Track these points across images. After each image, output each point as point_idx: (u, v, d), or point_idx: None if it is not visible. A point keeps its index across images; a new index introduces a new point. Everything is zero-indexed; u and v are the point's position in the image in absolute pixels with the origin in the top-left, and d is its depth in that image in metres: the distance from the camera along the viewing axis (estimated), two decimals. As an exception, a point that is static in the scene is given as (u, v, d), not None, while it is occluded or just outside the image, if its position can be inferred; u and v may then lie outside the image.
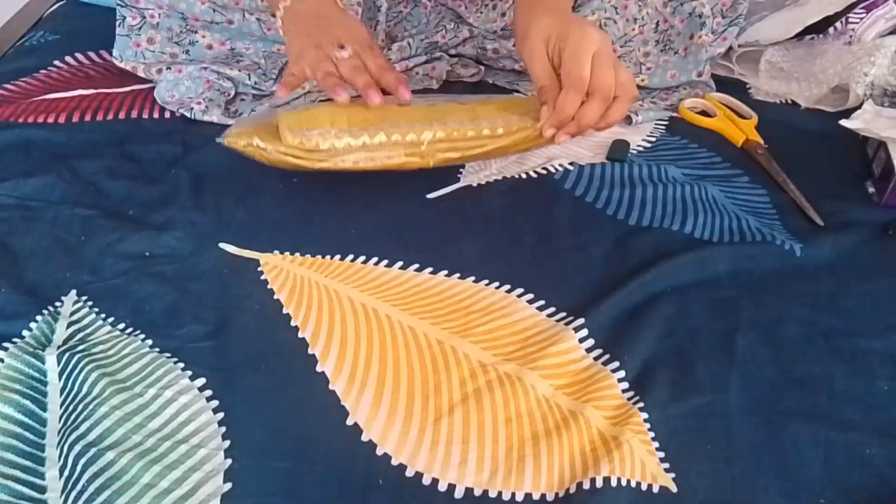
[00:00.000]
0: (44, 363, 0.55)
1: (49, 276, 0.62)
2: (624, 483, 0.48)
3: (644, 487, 0.49)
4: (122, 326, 0.59)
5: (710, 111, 0.85)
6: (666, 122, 0.83)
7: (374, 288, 0.62)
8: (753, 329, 0.59)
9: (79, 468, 0.49)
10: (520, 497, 0.48)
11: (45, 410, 0.53)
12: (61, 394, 0.54)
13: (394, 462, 0.50)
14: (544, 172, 0.74)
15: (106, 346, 0.57)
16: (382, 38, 0.88)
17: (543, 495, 0.48)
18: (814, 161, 0.77)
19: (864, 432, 0.52)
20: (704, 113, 0.85)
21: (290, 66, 0.68)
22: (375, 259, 0.65)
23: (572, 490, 0.48)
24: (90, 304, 0.60)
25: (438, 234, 0.67)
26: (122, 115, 0.80)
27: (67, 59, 0.90)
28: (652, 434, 0.52)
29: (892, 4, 0.86)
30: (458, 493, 0.48)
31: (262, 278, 0.63)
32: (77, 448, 0.50)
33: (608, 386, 0.55)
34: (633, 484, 0.49)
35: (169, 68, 0.81)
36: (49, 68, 0.88)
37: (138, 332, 0.58)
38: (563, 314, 0.60)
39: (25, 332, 0.58)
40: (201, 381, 0.54)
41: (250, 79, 0.81)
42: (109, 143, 0.76)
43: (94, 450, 0.49)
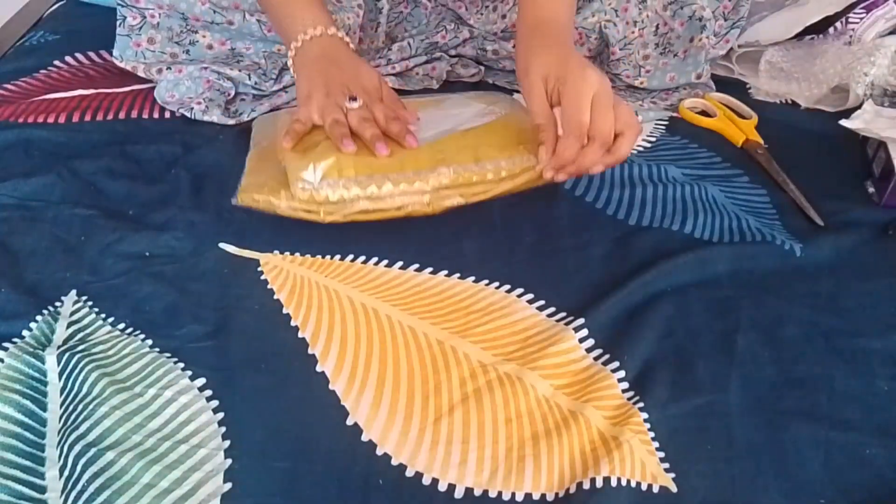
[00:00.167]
0: (44, 363, 0.55)
1: (49, 276, 0.62)
2: (624, 483, 0.48)
3: (644, 487, 0.49)
4: (122, 326, 0.59)
5: (710, 111, 0.85)
6: (666, 122, 0.83)
7: (374, 288, 0.62)
8: (753, 329, 0.59)
9: (79, 468, 0.49)
10: (520, 497, 0.48)
11: (45, 410, 0.53)
12: (61, 394, 0.53)
13: (394, 462, 0.50)
14: (544, 172, 0.74)
15: (106, 346, 0.57)
16: (383, 39, 0.88)
17: (543, 495, 0.48)
18: (814, 161, 0.77)
19: (864, 432, 0.52)
20: (704, 113, 0.85)
21: (298, 108, 0.69)
22: (375, 259, 0.65)
23: (572, 490, 0.48)
24: (90, 304, 0.60)
25: (438, 234, 0.67)
26: (122, 115, 0.80)
27: (67, 59, 0.90)
28: (652, 434, 0.52)
29: (892, 4, 0.87)
30: (458, 493, 0.48)
31: (262, 278, 0.63)
32: (77, 448, 0.50)
33: (608, 386, 0.55)
34: (633, 484, 0.49)
35: (169, 68, 0.81)
36: (49, 68, 0.88)
37: (138, 332, 0.58)
38: (563, 314, 0.60)
39: (25, 332, 0.58)
40: (201, 381, 0.54)
41: (250, 79, 0.81)
42: (109, 143, 0.76)
43: (94, 450, 0.49)
